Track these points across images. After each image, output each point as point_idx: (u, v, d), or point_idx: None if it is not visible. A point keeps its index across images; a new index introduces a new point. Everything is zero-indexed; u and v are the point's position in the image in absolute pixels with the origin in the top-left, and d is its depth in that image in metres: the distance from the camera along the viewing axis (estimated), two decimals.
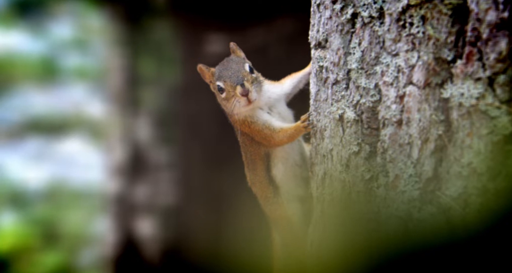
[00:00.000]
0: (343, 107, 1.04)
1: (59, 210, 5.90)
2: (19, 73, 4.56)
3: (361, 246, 1.09)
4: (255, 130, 1.02)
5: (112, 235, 3.76)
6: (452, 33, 0.98)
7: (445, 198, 1.02)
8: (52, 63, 5.00)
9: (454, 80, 0.99)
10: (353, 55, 1.02)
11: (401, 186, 1.05)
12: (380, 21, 1.01)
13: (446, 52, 0.99)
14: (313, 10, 1.09)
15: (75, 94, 5.40)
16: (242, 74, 0.99)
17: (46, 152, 5.53)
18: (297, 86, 1.14)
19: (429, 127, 1.01)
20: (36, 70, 4.88)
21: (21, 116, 5.03)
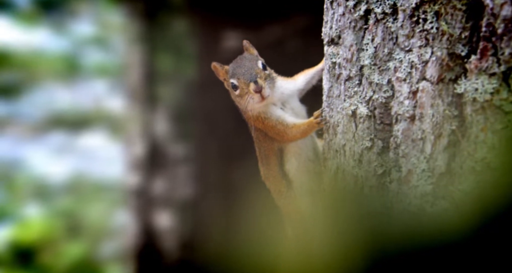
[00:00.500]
0: (356, 103, 1.04)
1: (81, 202, 6.05)
2: (43, 70, 4.70)
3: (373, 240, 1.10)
4: (269, 126, 1.03)
5: (132, 227, 3.85)
6: (466, 29, 0.97)
7: (459, 193, 1.02)
8: (74, 60, 5.11)
9: (468, 76, 0.98)
10: (366, 51, 1.03)
11: (413, 181, 1.05)
12: (393, 17, 1.01)
13: (460, 48, 0.98)
14: (326, 7, 1.10)
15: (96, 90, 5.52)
16: (255, 71, 1.01)
17: (69, 146, 5.67)
18: (310, 82, 1.15)
19: (442, 122, 1.01)
20: (59, 67, 5.01)
21: (44, 112, 5.18)
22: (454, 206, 1.04)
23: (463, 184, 1.03)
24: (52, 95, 5.23)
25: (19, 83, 4.83)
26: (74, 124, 4.66)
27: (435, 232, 1.07)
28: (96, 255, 5.67)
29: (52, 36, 5.00)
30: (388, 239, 1.10)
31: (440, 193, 1.04)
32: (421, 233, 1.08)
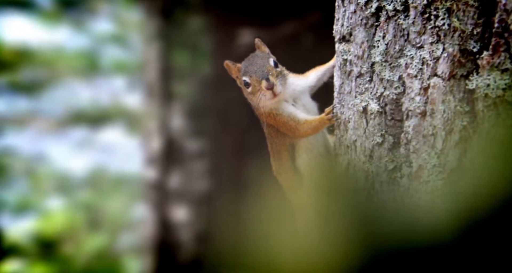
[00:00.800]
0: (367, 100, 1.05)
1: (101, 196, 6.19)
2: (63, 67, 4.80)
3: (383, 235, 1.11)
4: (281, 122, 1.05)
5: (149, 220, 3.93)
6: (478, 25, 0.96)
7: (470, 188, 1.02)
8: (94, 57, 5.21)
9: (480, 72, 0.98)
10: (377, 48, 1.03)
11: (424, 176, 1.06)
12: (404, 14, 1.01)
13: (472, 44, 0.98)
14: (338, 4, 1.11)
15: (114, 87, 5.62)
16: (267, 69, 1.03)
17: (89, 141, 5.80)
18: (321, 79, 1.16)
19: (453, 118, 1.01)
20: (79, 64, 5.11)
21: (66, 108, 5.30)
22: (465, 202, 1.04)
23: (475, 180, 1.03)
24: (72, 91, 5.35)
25: (42, 80, 4.96)
26: (94, 120, 4.77)
27: (446, 227, 1.07)
28: (115, 247, 5.80)
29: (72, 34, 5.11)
30: (398, 234, 1.11)
31: (451, 188, 1.04)
32: (431, 228, 1.08)
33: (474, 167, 1.01)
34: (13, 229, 6.11)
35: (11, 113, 5.44)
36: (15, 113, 5.42)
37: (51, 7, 4.54)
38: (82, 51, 5.09)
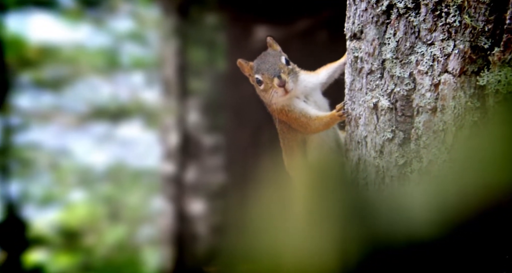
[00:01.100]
0: (378, 96, 1.06)
1: (121, 189, 6.32)
2: (85, 65, 4.91)
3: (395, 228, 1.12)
4: (292, 118, 1.07)
5: (167, 212, 4.02)
6: (490, 21, 0.96)
7: (480, 183, 1.03)
8: (114, 54, 5.31)
9: (491, 68, 0.98)
10: (387, 45, 1.04)
11: (435, 171, 1.06)
12: (415, 12, 1.01)
13: (483, 40, 0.98)
14: (349, 2, 1.11)
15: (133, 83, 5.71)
16: (279, 67, 1.04)
17: (109, 136, 5.92)
18: (333, 76, 1.17)
19: (464, 114, 1.01)
20: (99, 61, 5.21)
21: (87, 104, 5.42)
22: (475, 196, 1.04)
23: (485, 174, 1.03)
24: (93, 88, 5.47)
25: (64, 77, 5.08)
26: (113, 115, 4.87)
27: (457, 221, 1.07)
28: (134, 239, 5.92)
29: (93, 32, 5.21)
30: (409, 227, 1.12)
31: (462, 183, 1.04)
32: (442, 221, 1.09)
33: (484, 161, 1.02)
34: (38, 220, 6.30)
35: (36, 109, 5.60)
36: (40, 109, 5.58)
37: (73, 6, 4.64)
38: (102, 49, 5.19)
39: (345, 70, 1.15)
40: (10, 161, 5.73)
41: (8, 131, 5.59)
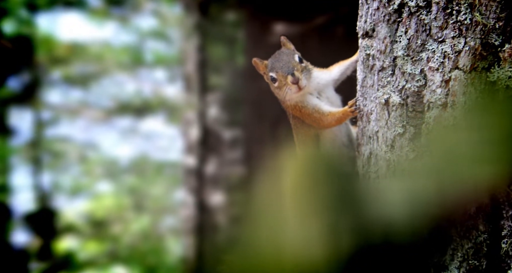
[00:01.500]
0: (389, 92, 1.08)
1: (145, 181, 6.47)
2: (111, 62, 5.04)
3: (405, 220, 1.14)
4: (306, 114, 1.10)
5: (188, 203, 4.12)
6: (501, 19, 0.96)
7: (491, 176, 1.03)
8: (137, 51, 5.42)
9: (502, 64, 0.98)
10: (399, 43, 1.05)
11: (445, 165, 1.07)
12: (427, 10, 1.02)
13: (494, 37, 0.98)
14: (361, 2, 1.13)
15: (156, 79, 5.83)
16: (292, 65, 1.07)
17: (133, 130, 6.08)
18: (345, 73, 1.19)
19: (474, 109, 1.02)
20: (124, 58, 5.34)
21: (113, 99, 5.56)
22: (485, 188, 1.05)
23: (495, 168, 1.03)
24: (118, 84, 5.61)
25: (92, 74, 5.23)
26: (137, 110, 4.99)
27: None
28: (157, 228, 6.06)
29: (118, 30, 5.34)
30: (419, 219, 1.14)
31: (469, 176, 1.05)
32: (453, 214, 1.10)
33: (494, 155, 1.02)
34: (68, 210, 6.54)
35: (65, 104, 5.80)
36: (69, 104, 5.77)
37: (100, 5, 4.76)
38: (127, 46, 5.31)
39: (357, 68, 1.17)
40: (42, 153, 5.95)
41: (40, 126, 5.81)
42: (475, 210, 1.04)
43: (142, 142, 6.32)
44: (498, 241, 1.03)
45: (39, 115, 5.78)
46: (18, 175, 5.88)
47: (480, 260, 1.03)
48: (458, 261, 1.05)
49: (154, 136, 6.21)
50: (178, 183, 5.50)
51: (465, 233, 1.05)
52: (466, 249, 1.05)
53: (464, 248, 1.05)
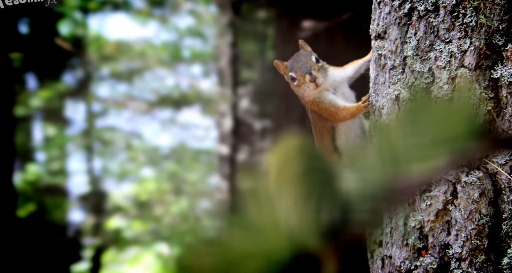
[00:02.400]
0: (399, 89, 1.14)
1: (183, 167, 6.72)
2: (152, 58, 5.24)
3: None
4: (323, 108, 1.17)
5: (222, 188, 4.30)
6: (504, 21, 1.00)
7: (492, 164, 1.08)
8: (176, 49, 5.60)
9: (505, 62, 1.02)
10: (409, 44, 1.11)
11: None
12: (435, 14, 1.07)
13: (498, 38, 1.02)
14: (374, 7, 1.18)
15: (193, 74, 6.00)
16: (310, 65, 1.13)
17: (172, 121, 6.31)
18: (359, 71, 1.24)
19: (478, 104, 1.06)
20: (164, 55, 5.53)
21: (154, 93, 5.79)
22: (487, 175, 1.10)
23: (497, 157, 1.08)
24: (159, 78, 5.84)
25: (136, 69, 5.46)
26: (176, 102, 5.17)
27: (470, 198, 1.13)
28: (194, 210, 6.29)
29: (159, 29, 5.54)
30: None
31: (475, 164, 1.10)
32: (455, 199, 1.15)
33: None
34: (116, 192, 6.92)
35: (113, 97, 6.12)
36: (116, 97, 6.08)
37: (143, 6, 4.95)
38: (167, 44, 5.51)
39: (370, 66, 1.22)
40: (93, 141, 6.32)
41: (91, 117, 6.17)
42: (478, 195, 1.09)
43: (180, 131, 6.56)
44: (499, 223, 1.07)
45: (91, 107, 6.13)
46: (74, 161, 6.28)
47: (482, 240, 1.08)
48: (462, 241, 1.11)
49: (191, 126, 6.43)
50: (212, 169, 5.69)
51: (468, 216, 1.11)
52: (469, 230, 1.10)
53: (467, 229, 1.10)
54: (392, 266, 1.20)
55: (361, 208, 0.33)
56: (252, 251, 0.34)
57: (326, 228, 0.34)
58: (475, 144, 0.33)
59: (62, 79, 5.43)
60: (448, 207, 1.11)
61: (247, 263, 0.34)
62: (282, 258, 0.33)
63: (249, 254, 0.34)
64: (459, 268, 1.10)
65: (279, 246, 0.33)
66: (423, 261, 1.15)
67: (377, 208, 0.32)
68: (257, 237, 0.34)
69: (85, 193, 6.13)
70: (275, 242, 0.33)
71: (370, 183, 0.34)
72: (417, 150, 0.34)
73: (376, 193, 0.33)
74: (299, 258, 0.33)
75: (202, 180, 6.53)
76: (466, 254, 1.09)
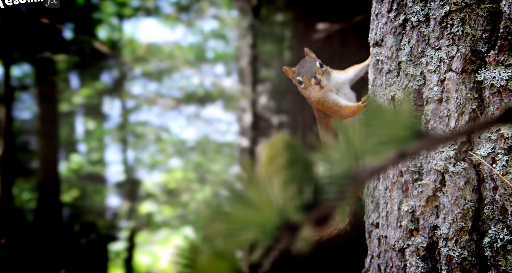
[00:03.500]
0: (395, 90, 1.21)
1: (206, 158, 6.89)
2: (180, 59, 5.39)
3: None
4: (327, 107, 1.25)
5: None
6: (487, 30, 1.06)
7: (476, 156, 1.15)
8: (201, 50, 5.74)
9: (487, 67, 1.09)
10: (403, 50, 1.18)
11: (440, 147, 1.20)
12: (426, 24, 1.14)
13: (481, 45, 1.08)
14: (372, 18, 1.26)
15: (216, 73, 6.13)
16: (314, 70, 1.22)
17: (197, 116, 6.47)
18: (359, 74, 1.31)
19: (464, 103, 1.14)
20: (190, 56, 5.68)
21: (181, 90, 5.96)
22: (472, 166, 1.17)
23: (481, 150, 1.15)
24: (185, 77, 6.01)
25: (164, 69, 5.64)
26: (200, 99, 5.30)
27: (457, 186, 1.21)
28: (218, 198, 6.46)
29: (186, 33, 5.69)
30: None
31: (461, 156, 1.17)
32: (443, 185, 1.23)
33: (480, 140, 1.14)
34: (147, 180, 7.19)
35: (144, 94, 6.34)
36: (147, 94, 6.30)
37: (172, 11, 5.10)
38: (192, 46, 5.65)
39: (369, 70, 1.30)
40: (127, 134, 6.59)
41: (126, 112, 6.43)
42: (463, 183, 1.17)
43: (204, 125, 6.73)
44: (482, 208, 1.15)
45: (125, 104, 6.38)
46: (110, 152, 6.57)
47: (466, 222, 1.16)
48: (449, 223, 1.19)
49: (214, 121, 6.58)
50: (234, 160, 5.84)
51: (454, 201, 1.19)
52: (455, 213, 1.18)
53: (453, 213, 1.18)
54: (387, 245, 1.30)
55: (330, 191, 0.42)
56: (250, 221, 0.40)
57: (304, 205, 0.40)
58: (412, 144, 0.43)
59: (100, 78, 5.68)
60: (437, 194, 1.19)
61: (247, 230, 0.41)
62: (272, 227, 0.40)
63: (249, 224, 0.41)
64: (445, 247, 1.18)
65: (270, 218, 0.40)
66: (414, 240, 1.23)
67: (341, 190, 0.41)
68: (255, 211, 0.41)
69: (120, 180, 6.42)
70: (267, 215, 0.40)
71: (336, 172, 0.43)
72: (370, 147, 0.43)
73: (341, 179, 0.42)
74: (284, 226, 0.40)
75: (224, 170, 6.69)
76: (452, 235, 1.18)
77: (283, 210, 0.40)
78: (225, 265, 0.40)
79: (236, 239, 0.40)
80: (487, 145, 1.12)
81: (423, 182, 1.20)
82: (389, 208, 1.28)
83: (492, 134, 1.11)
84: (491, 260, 1.09)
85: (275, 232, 0.40)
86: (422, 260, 1.19)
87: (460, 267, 1.13)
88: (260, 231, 0.40)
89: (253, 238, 0.40)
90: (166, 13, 5.08)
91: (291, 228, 0.40)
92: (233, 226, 0.41)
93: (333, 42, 3.23)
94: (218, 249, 0.40)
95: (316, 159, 0.43)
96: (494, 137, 1.10)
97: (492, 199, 1.12)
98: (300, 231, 0.40)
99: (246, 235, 0.41)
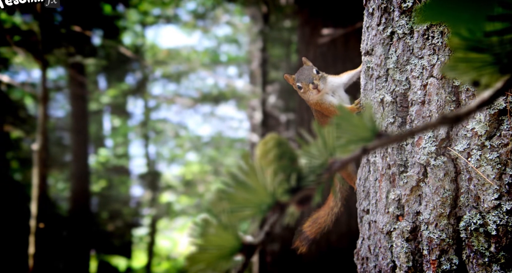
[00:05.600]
0: (383, 94, 1.28)
1: (220, 153, 7.00)
2: (196, 62, 5.49)
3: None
4: (324, 108, 1.31)
5: None
6: None
7: (454, 151, 1.22)
8: (216, 54, 5.82)
9: None
10: (390, 59, 1.25)
11: (423, 144, 1.26)
12: (410, 36, 1.20)
13: None
14: (364, 30, 1.32)
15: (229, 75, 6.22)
16: (312, 76, 1.28)
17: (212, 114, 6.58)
18: (352, 79, 1.37)
19: (444, 105, 1.20)
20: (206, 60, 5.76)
21: (197, 91, 6.07)
22: (450, 160, 1.24)
23: (458, 146, 1.22)
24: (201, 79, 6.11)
25: (182, 72, 5.75)
26: (215, 99, 5.39)
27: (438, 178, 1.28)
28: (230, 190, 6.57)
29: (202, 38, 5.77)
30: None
31: (441, 151, 1.24)
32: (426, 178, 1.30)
33: (457, 137, 1.21)
34: (167, 173, 7.38)
35: (164, 94, 6.49)
36: (166, 94, 6.44)
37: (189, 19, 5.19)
38: (208, 50, 5.74)
39: (361, 76, 1.35)
40: (149, 131, 6.76)
41: (147, 111, 6.60)
42: (443, 175, 1.24)
43: (218, 123, 6.84)
44: (458, 196, 1.21)
45: (147, 103, 6.54)
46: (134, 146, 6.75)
47: (445, 209, 1.23)
48: (430, 209, 1.26)
49: (227, 118, 6.69)
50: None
51: (435, 191, 1.26)
52: (435, 201, 1.25)
53: (434, 201, 1.25)
54: (377, 228, 1.37)
55: (310, 178, 0.50)
56: (249, 201, 0.45)
57: (290, 189, 0.45)
58: (373, 142, 0.50)
59: (125, 80, 5.83)
60: (420, 184, 1.26)
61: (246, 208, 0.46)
62: (265, 206, 0.45)
63: (247, 203, 0.45)
64: (427, 230, 1.25)
65: (264, 199, 0.45)
66: (400, 224, 1.31)
67: (319, 178, 0.49)
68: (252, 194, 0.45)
69: (143, 172, 6.61)
70: (262, 197, 0.45)
71: (315, 164, 0.51)
72: (341, 145, 0.50)
73: (318, 170, 0.50)
74: (274, 205, 0.45)
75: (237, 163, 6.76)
76: (432, 219, 1.25)
77: (274, 193, 0.46)
78: (229, 235, 0.47)
79: (238, 215, 0.47)
80: (463, 141, 1.19)
81: (408, 174, 1.26)
82: (378, 197, 1.35)
83: (467, 132, 1.17)
84: (465, 241, 1.16)
85: (268, 210, 0.46)
86: (407, 242, 1.27)
87: (439, 247, 1.21)
88: (256, 209, 0.47)
89: (250, 214, 0.47)
90: (184, 21, 5.17)
91: (280, 207, 0.46)
92: (235, 205, 0.47)
93: (337, 45, 3.28)
94: (224, 223, 0.47)
95: (299, 154, 0.50)
96: (470, 134, 1.17)
97: (467, 188, 1.18)
98: (287, 209, 0.47)
99: (245, 212, 0.47)
